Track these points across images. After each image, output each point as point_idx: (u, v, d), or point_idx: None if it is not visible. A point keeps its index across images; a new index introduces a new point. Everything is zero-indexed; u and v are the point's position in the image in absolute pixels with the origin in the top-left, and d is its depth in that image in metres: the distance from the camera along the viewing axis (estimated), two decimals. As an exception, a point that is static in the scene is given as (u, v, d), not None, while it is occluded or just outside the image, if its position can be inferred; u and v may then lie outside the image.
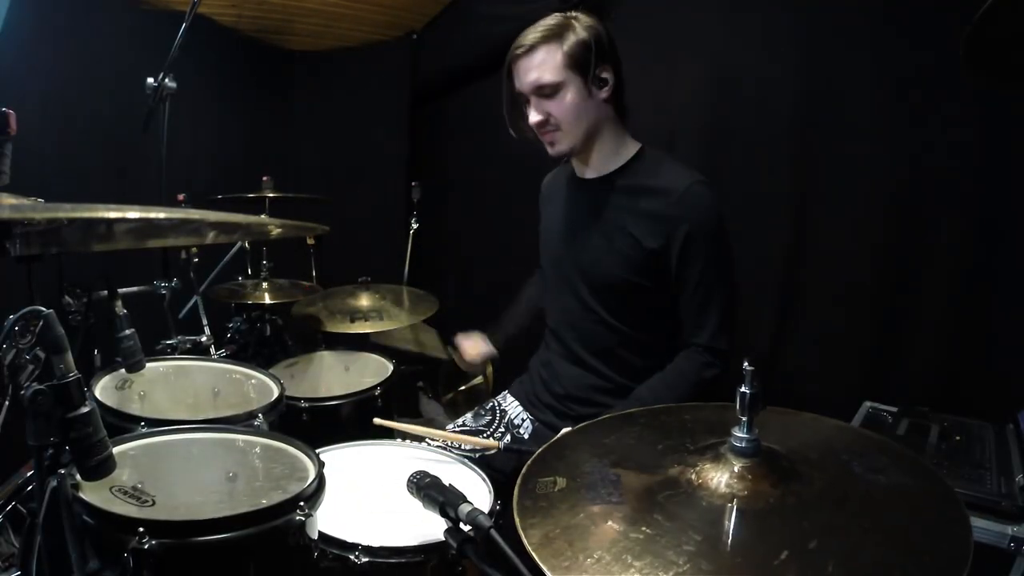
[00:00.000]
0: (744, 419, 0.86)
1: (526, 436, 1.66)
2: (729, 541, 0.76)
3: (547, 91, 1.42)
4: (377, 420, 1.53)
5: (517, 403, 1.73)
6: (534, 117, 1.45)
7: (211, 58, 3.16)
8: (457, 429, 1.66)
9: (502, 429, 1.68)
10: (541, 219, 1.74)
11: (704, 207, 1.41)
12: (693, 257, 1.42)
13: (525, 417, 1.70)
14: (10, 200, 0.95)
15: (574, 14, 1.45)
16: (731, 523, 0.79)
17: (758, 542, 0.75)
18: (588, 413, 1.56)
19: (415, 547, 1.10)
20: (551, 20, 1.44)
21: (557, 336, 1.65)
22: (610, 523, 0.79)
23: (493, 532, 0.87)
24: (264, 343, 2.57)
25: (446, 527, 0.96)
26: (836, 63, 1.81)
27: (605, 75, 1.44)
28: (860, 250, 1.81)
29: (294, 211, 2.75)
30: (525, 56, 1.43)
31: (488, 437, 1.65)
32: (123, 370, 1.37)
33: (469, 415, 1.73)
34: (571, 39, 1.41)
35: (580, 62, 1.41)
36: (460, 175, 3.68)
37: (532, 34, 1.43)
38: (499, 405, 1.74)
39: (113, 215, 0.84)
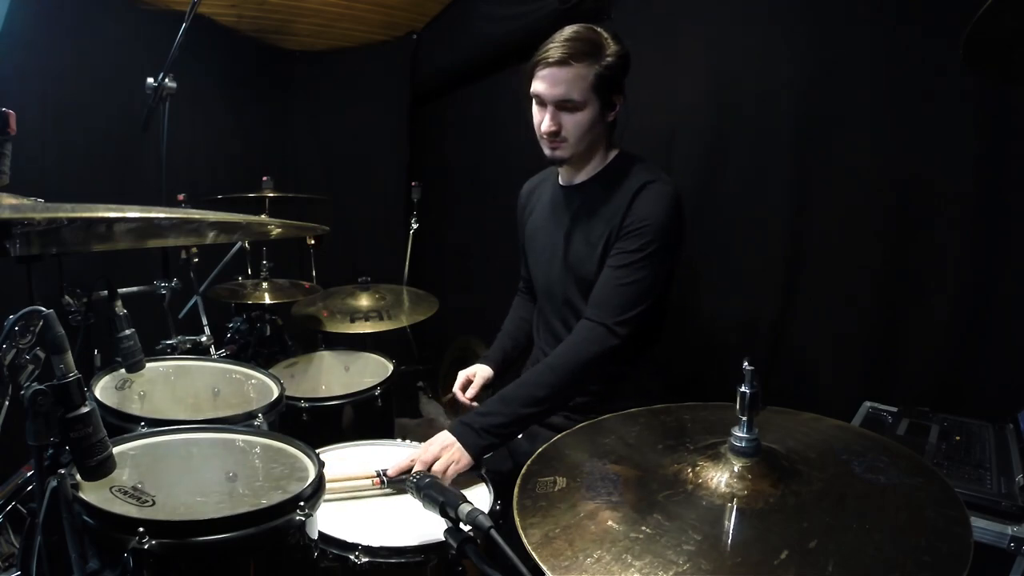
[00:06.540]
0: (744, 419, 0.86)
1: (519, 436, 1.66)
2: (729, 541, 0.76)
3: (570, 107, 1.44)
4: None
5: None
6: (548, 126, 1.47)
7: (211, 58, 3.16)
8: None
9: None
10: (523, 228, 1.76)
11: (649, 203, 1.45)
12: (626, 243, 1.45)
13: None
14: (10, 200, 0.95)
15: (603, 33, 1.45)
16: (731, 523, 0.79)
17: (758, 542, 0.75)
18: (578, 403, 1.57)
19: (415, 547, 1.10)
20: (583, 33, 1.42)
21: (551, 337, 1.67)
22: (610, 523, 0.79)
23: (493, 532, 0.87)
24: (264, 343, 2.57)
25: (446, 527, 0.96)
26: (837, 64, 1.81)
27: (616, 101, 1.50)
28: (860, 250, 1.81)
29: (294, 211, 2.75)
30: (558, 66, 1.42)
31: None
32: (123, 370, 1.37)
33: None
34: (603, 63, 1.42)
35: (605, 87, 1.44)
36: (460, 175, 3.68)
37: (565, 47, 1.40)
38: None
39: (113, 215, 0.84)
